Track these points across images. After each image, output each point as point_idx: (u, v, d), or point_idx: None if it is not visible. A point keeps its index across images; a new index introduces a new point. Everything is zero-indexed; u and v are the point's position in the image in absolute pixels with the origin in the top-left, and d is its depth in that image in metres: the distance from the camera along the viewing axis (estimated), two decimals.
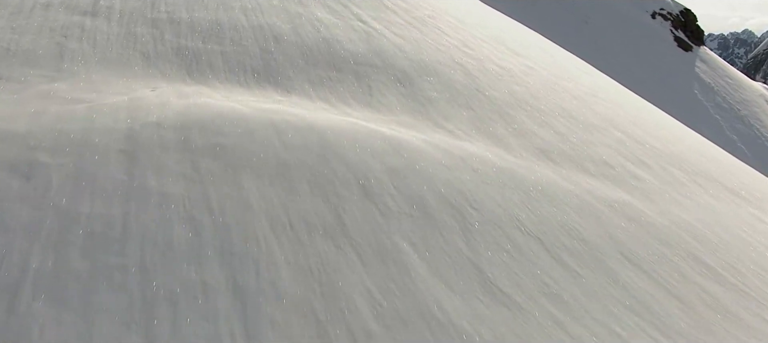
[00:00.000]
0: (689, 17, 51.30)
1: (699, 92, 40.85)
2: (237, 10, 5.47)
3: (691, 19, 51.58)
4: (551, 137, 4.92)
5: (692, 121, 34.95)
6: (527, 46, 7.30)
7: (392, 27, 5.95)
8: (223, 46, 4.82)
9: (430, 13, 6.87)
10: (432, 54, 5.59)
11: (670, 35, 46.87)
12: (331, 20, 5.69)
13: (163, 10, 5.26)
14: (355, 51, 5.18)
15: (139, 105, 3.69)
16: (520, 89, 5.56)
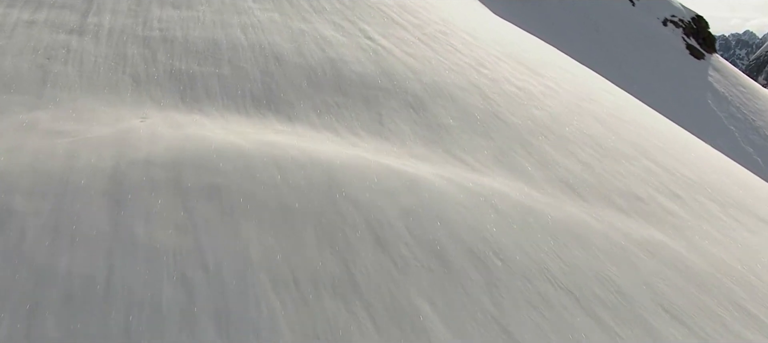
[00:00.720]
0: (701, 24, 51.16)
1: (712, 102, 40.63)
2: (236, 28, 5.23)
3: (703, 25, 51.44)
4: (576, 168, 4.66)
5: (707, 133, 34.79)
6: (545, 63, 7.05)
7: (402, 45, 5.71)
8: (220, 69, 4.58)
9: (442, 28, 6.63)
10: (446, 75, 5.34)
11: (682, 43, 46.72)
12: (337, 38, 5.45)
13: (155, 27, 5.02)
14: (363, 72, 4.93)
15: (126, 138, 3.43)
16: (540, 114, 5.31)
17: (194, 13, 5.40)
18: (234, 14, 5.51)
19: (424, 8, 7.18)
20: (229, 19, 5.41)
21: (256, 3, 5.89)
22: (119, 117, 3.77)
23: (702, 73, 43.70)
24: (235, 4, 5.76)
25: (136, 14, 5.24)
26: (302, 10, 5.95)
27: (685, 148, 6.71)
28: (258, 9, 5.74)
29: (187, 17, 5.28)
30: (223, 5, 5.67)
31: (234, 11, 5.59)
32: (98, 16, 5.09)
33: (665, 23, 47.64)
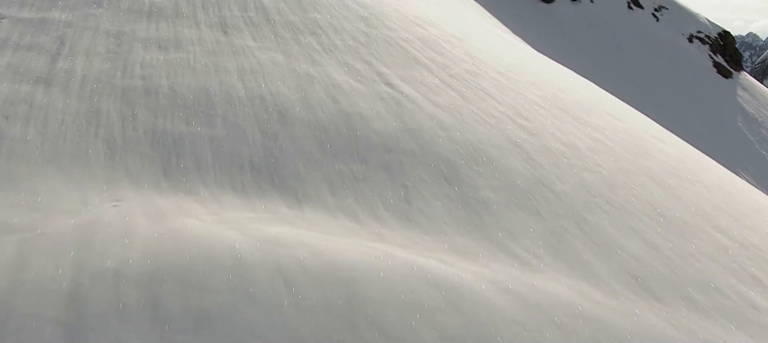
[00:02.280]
0: (728, 40, 50.80)
1: (743, 125, 40.08)
2: (232, 74, 4.68)
3: (730, 42, 51.07)
4: (643, 252, 4.07)
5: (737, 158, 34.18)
6: (588, 106, 6.48)
7: (427, 91, 5.15)
8: (212, 129, 4.01)
9: (470, 66, 6.08)
10: (481, 130, 4.77)
11: (709, 60, 46.32)
12: (352, 85, 4.89)
13: (137, 74, 4.47)
14: (385, 130, 4.36)
15: (93, 235, 2.86)
16: (592, 178, 4.73)
17: (183, 55, 4.85)
18: (230, 56, 4.97)
19: (447, 41, 6.65)
20: (225, 62, 4.86)
21: (256, 41, 5.35)
22: (86, 200, 3.20)
23: (730, 93, 43.22)
24: (231, 42, 5.22)
25: (116, 57, 4.70)
26: (310, 49, 5.41)
27: (751, 208, 6.12)
28: (258, 49, 5.20)
29: (175, 61, 4.74)
30: (217, 45, 5.13)
31: (230, 52, 5.05)
32: (70, 60, 4.55)
33: (691, 40, 47.26)
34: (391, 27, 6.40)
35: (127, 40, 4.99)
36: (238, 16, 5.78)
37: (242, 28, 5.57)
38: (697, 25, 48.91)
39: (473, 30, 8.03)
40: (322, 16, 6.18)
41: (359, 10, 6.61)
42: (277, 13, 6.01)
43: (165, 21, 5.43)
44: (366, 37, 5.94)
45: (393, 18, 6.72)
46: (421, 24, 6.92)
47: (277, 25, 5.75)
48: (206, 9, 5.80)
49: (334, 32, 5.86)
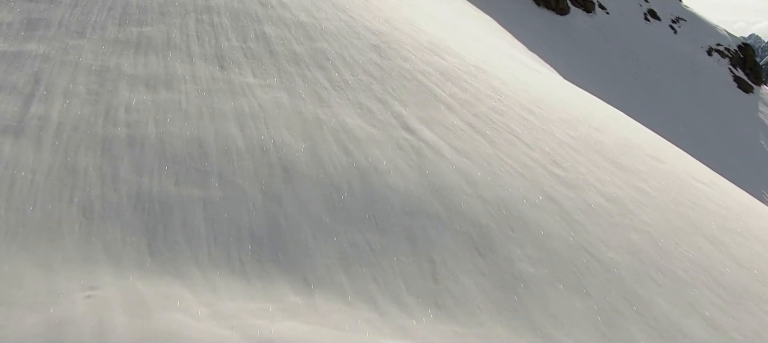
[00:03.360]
0: (748, 53, 50.53)
1: (765, 143, 39.69)
2: (229, 119, 4.27)
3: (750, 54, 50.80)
4: (705, 334, 3.64)
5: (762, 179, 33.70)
6: (626, 148, 6.06)
7: (451, 136, 4.74)
8: (206, 190, 3.59)
9: (496, 103, 5.67)
10: (513, 184, 4.35)
11: (729, 74, 46.03)
12: (365, 130, 4.48)
13: (121, 120, 4.06)
14: (405, 188, 3.94)
15: (59, 338, 2.43)
16: (641, 240, 4.30)
17: (174, 96, 4.45)
18: (227, 96, 4.56)
19: (468, 73, 6.24)
20: (221, 103, 4.45)
21: (256, 77, 4.95)
22: (54, 289, 2.78)
23: (751, 109, 42.87)
24: (228, 79, 4.82)
25: (98, 99, 4.29)
26: (317, 86, 5.00)
27: None
28: (259, 86, 4.80)
29: (164, 103, 4.33)
30: (212, 82, 4.72)
31: (227, 91, 4.64)
32: (46, 104, 4.14)
33: (710, 53, 46.98)
34: (406, 57, 6.01)
35: (112, 77, 4.59)
36: (236, 48, 5.39)
37: (241, 61, 5.17)
38: (716, 38, 48.65)
39: (492, 56, 7.63)
40: (330, 45, 5.79)
41: (371, 38, 6.22)
42: (280, 43, 5.61)
43: (155, 54, 5.03)
44: (379, 70, 5.54)
45: (408, 46, 6.33)
46: (439, 52, 6.52)
47: (281, 58, 5.35)
48: (201, 39, 5.41)
49: (344, 65, 5.46)
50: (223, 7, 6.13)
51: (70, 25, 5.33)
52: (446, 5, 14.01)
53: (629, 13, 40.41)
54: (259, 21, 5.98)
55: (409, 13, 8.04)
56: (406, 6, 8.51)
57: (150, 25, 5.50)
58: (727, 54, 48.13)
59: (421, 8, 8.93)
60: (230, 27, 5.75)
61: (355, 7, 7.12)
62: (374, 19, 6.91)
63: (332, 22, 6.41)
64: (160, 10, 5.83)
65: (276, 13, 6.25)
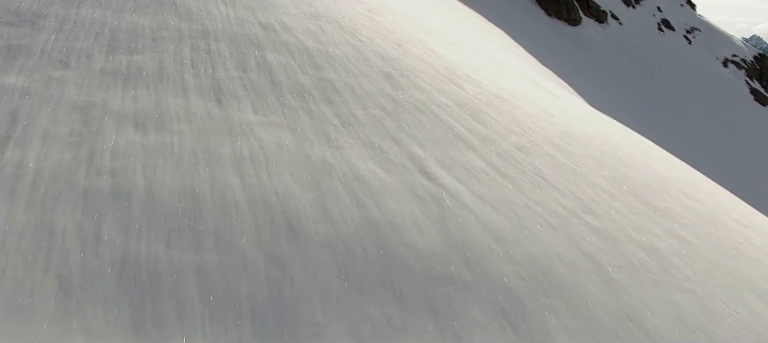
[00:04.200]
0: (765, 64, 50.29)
1: None
2: (226, 164, 3.94)
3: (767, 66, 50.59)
4: None
5: None
6: (660, 186, 5.73)
7: (473, 180, 4.41)
8: (201, 254, 3.26)
9: (519, 139, 5.34)
10: (544, 238, 4.01)
11: (746, 86, 45.76)
12: (379, 177, 4.15)
13: (106, 169, 3.73)
14: (425, 248, 3.60)
15: None
16: (686, 301, 3.96)
17: (166, 138, 4.12)
18: (225, 137, 4.24)
19: (488, 103, 5.92)
20: (218, 146, 4.13)
21: (257, 113, 4.63)
22: None
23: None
24: (226, 117, 4.50)
25: (81, 141, 3.97)
26: (325, 123, 4.68)
27: None
28: (260, 125, 4.47)
29: (155, 146, 4.00)
30: (209, 120, 4.40)
31: (226, 131, 4.32)
32: (22, 148, 3.81)
33: (726, 64, 46.75)
34: (421, 87, 5.69)
35: (97, 115, 4.26)
36: (235, 78, 5.07)
37: (240, 94, 4.85)
38: (731, 48, 48.42)
39: (511, 82, 7.31)
40: (338, 75, 5.47)
41: (382, 65, 5.90)
42: (283, 72, 5.29)
43: (145, 86, 4.71)
44: (393, 103, 5.22)
45: (422, 74, 6.01)
46: (455, 80, 6.20)
47: (284, 90, 5.03)
48: (196, 69, 5.09)
49: (353, 98, 5.14)
50: (221, 31, 5.82)
51: (53, 54, 5.01)
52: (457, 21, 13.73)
53: (643, 23, 40.21)
54: (261, 47, 5.67)
55: (421, 34, 7.73)
56: (417, 26, 8.20)
57: (141, 53, 5.18)
58: (742, 65, 47.90)
59: (434, 28, 8.62)
60: (228, 54, 5.43)
61: (363, 29, 6.81)
62: (385, 42, 6.60)
63: (340, 47, 6.09)
64: (152, 35, 5.52)
65: (279, 37, 5.93)
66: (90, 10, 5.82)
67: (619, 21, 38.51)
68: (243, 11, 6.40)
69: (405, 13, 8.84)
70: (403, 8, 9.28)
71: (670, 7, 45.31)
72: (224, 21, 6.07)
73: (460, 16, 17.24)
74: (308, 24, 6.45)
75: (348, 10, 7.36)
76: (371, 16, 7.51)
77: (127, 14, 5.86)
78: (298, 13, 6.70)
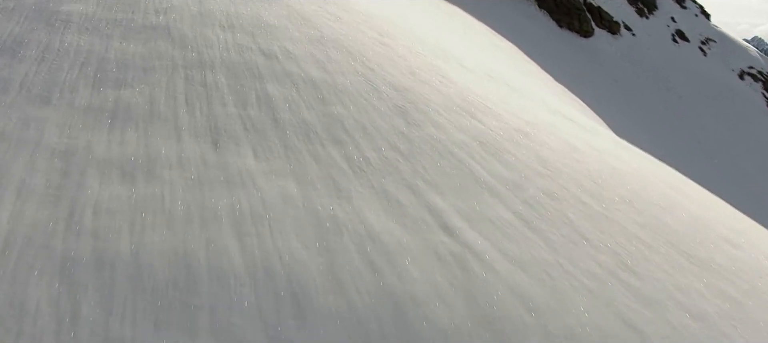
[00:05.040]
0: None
1: None
2: (225, 225, 3.60)
3: None
4: None
5: None
6: (699, 234, 5.38)
7: (499, 236, 4.07)
8: (195, 337, 2.91)
9: (548, 183, 5.01)
10: (582, 305, 3.67)
11: (763, 100, 45.44)
12: (396, 235, 3.81)
13: (87, 230, 3.39)
14: (451, 326, 3.26)
15: None
16: None
17: (156, 190, 3.79)
18: (222, 189, 3.90)
19: (510, 140, 5.58)
20: (215, 200, 3.79)
21: (259, 158, 4.30)
22: None
23: None
24: (224, 163, 4.16)
25: (59, 196, 3.63)
26: (334, 169, 4.34)
27: None
28: (262, 173, 4.14)
29: (143, 201, 3.66)
30: (204, 168, 4.06)
31: (223, 181, 3.98)
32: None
33: (742, 76, 46.46)
34: (437, 122, 5.36)
35: (79, 163, 3.93)
36: (234, 115, 4.74)
37: (240, 135, 4.51)
38: (747, 60, 48.14)
39: (532, 111, 6.98)
40: (346, 110, 5.14)
41: (395, 98, 5.57)
42: (287, 108, 4.96)
43: (134, 127, 4.38)
44: (407, 142, 4.89)
45: (438, 106, 5.68)
46: (474, 113, 5.87)
47: (288, 129, 4.69)
48: (191, 104, 4.77)
49: (364, 136, 4.80)
50: (219, 60, 5.50)
51: (33, 88, 4.69)
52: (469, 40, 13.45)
53: (656, 34, 39.93)
54: (262, 78, 5.34)
55: (434, 58, 7.41)
56: (430, 50, 7.89)
57: (130, 87, 4.86)
58: (759, 77, 47.61)
59: (447, 51, 8.31)
60: (227, 87, 5.10)
61: (373, 55, 6.48)
62: (396, 70, 6.28)
63: (348, 76, 5.77)
64: (143, 65, 5.20)
65: (281, 66, 5.61)
66: (76, 37, 5.50)
67: (632, 32, 38.25)
68: (242, 37, 6.08)
69: (416, 34, 8.53)
70: (414, 29, 8.97)
71: (684, 18, 45.10)
72: (222, 48, 5.75)
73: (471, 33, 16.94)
74: (313, 50, 6.13)
75: (356, 34, 7.04)
76: (381, 40, 7.19)
77: (115, 41, 5.54)
78: (302, 38, 6.38)
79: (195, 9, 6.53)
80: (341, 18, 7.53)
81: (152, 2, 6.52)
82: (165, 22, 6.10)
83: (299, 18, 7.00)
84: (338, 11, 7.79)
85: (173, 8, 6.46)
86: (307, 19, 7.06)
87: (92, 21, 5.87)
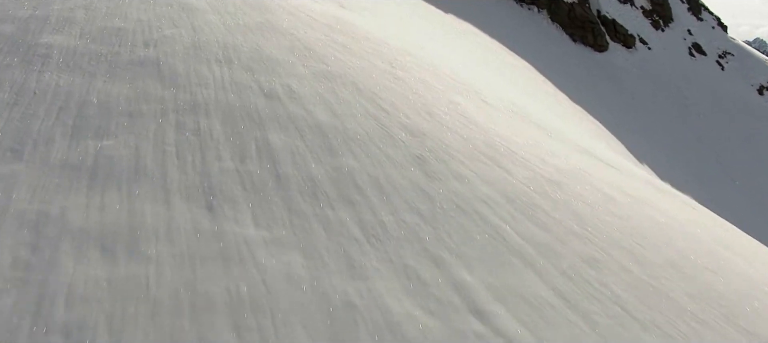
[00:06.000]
0: None
1: None
2: (220, 313, 3.18)
3: None
4: None
5: None
6: (756, 303, 4.95)
7: (537, 319, 3.65)
8: None
9: (586, 247, 4.58)
10: None
11: None
12: (420, 322, 3.40)
13: (58, 323, 2.99)
14: None
15: None
16: None
17: (140, 270, 3.36)
18: (218, 267, 3.47)
19: (542, 193, 5.16)
20: (208, 283, 3.36)
21: (259, 225, 3.88)
22: None
23: None
24: (219, 232, 3.75)
25: (28, 279, 3.21)
26: (346, 238, 3.92)
27: None
28: (263, 244, 3.71)
29: (125, 284, 3.24)
30: (196, 239, 3.64)
31: (218, 256, 3.56)
32: None
33: (761, 91, 46.12)
34: (460, 174, 4.94)
35: (52, 235, 3.51)
36: (230, 172, 4.32)
37: (237, 195, 4.09)
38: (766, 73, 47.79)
39: (562, 153, 6.56)
40: (358, 162, 4.73)
41: (411, 145, 5.15)
42: (291, 161, 4.55)
43: (116, 187, 3.96)
44: (428, 201, 4.46)
45: (460, 154, 5.26)
46: (499, 160, 5.45)
47: (292, 187, 4.27)
48: (182, 158, 4.35)
49: (379, 196, 4.38)
50: (214, 103, 5.09)
51: (3, 139, 4.28)
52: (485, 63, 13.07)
53: (673, 48, 39.59)
54: (262, 124, 4.93)
55: (452, 93, 7.00)
56: (446, 82, 7.48)
57: (113, 136, 4.45)
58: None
59: (465, 82, 7.90)
60: (223, 135, 4.69)
61: (386, 92, 6.08)
62: (412, 110, 5.87)
63: (359, 120, 5.36)
64: (128, 110, 4.79)
65: (284, 109, 5.20)
66: (55, 76, 5.10)
67: (648, 46, 37.91)
68: (241, 73, 5.67)
69: (430, 62, 8.12)
70: (427, 55, 8.56)
71: (701, 30, 44.80)
72: (218, 87, 5.34)
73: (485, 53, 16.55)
74: (320, 88, 5.72)
75: (366, 66, 6.64)
76: (393, 73, 6.79)
77: (99, 80, 5.13)
78: (307, 74, 5.97)
79: (188, 40, 6.13)
80: (350, 48, 7.13)
81: (141, 33, 6.12)
82: (155, 56, 5.70)
83: (303, 49, 6.59)
84: (346, 40, 7.39)
85: (164, 40, 6.05)
86: (311, 49, 6.65)
87: (74, 56, 5.47)
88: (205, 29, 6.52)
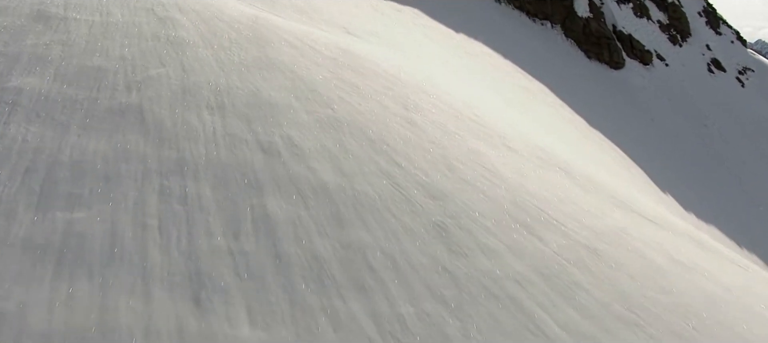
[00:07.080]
0: None
1: None
2: None
3: None
4: None
5: None
6: None
7: None
8: None
9: (633, 333, 4.09)
10: None
11: None
12: None
13: None
14: None
15: None
16: None
17: None
18: None
19: (580, 264, 4.68)
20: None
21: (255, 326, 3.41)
22: None
23: None
24: (209, 335, 3.25)
25: None
26: (359, 340, 3.42)
27: None
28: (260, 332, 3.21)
29: None
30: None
31: None
32: None
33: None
34: (488, 246, 4.45)
35: (7, 339, 3.01)
36: (222, 251, 3.83)
37: (229, 285, 3.60)
38: None
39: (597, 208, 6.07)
40: (371, 234, 4.24)
41: (431, 210, 4.67)
42: (293, 236, 4.06)
43: (86, 276, 3.47)
44: (453, 285, 3.98)
45: (486, 220, 4.78)
46: (531, 225, 4.97)
47: (295, 273, 3.78)
48: (165, 234, 3.87)
49: (396, 280, 3.89)
50: (204, 161, 4.60)
51: None
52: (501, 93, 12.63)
53: (691, 64, 39.14)
54: (259, 188, 4.45)
55: (473, 138, 6.51)
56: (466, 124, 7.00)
57: (86, 207, 3.96)
58: None
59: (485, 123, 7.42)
60: (213, 204, 4.21)
61: (400, 142, 5.59)
62: (430, 164, 5.38)
63: (370, 178, 4.87)
64: (105, 171, 4.31)
65: (286, 169, 4.71)
66: (23, 128, 4.63)
67: (666, 62, 37.46)
68: (235, 123, 5.19)
69: (447, 101, 7.65)
70: (442, 91, 8.09)
71: (720, 45, 44.38)
72: (209, 141, 4.86)
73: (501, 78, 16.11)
74: (326, 140, 5.23)
75: (377, 110, 6.16)
76: (407, 116, 6.31)
77: (73, 134, 4.65)
78: (311, 122, 5.49)
79: (176, 82, 5.65)
80: (358, 87, 6.65)
81: (123, 73, 5.65)
82: (138, 102, 5.22)
83: (307, 90, 6.12)
84: (354, 77, 6.91)
85: (149, 82, 5.58)
86: (316, 91, 6.18)
87: (46, 102, 4.99)
88: (196, 68, 6.04)
